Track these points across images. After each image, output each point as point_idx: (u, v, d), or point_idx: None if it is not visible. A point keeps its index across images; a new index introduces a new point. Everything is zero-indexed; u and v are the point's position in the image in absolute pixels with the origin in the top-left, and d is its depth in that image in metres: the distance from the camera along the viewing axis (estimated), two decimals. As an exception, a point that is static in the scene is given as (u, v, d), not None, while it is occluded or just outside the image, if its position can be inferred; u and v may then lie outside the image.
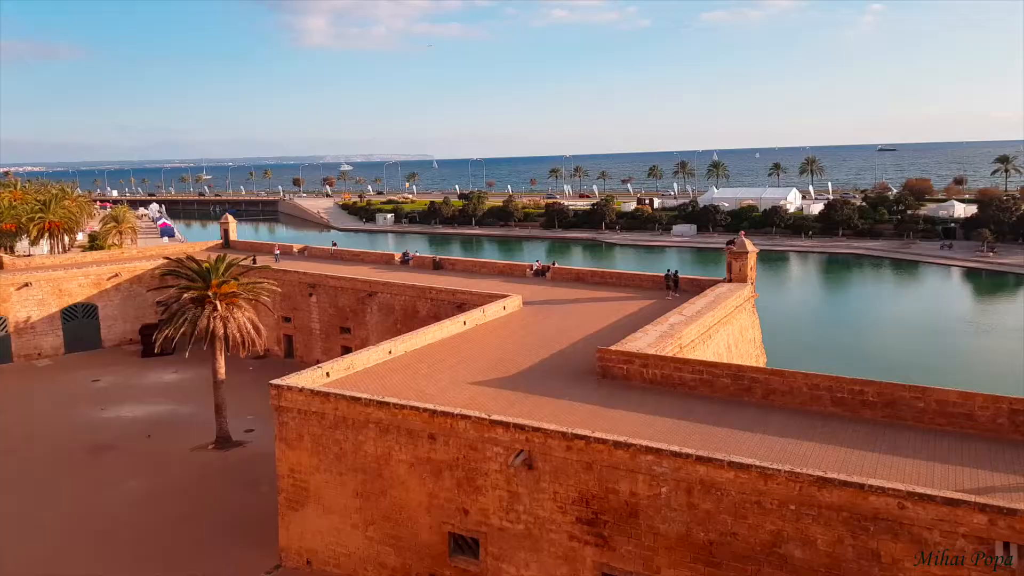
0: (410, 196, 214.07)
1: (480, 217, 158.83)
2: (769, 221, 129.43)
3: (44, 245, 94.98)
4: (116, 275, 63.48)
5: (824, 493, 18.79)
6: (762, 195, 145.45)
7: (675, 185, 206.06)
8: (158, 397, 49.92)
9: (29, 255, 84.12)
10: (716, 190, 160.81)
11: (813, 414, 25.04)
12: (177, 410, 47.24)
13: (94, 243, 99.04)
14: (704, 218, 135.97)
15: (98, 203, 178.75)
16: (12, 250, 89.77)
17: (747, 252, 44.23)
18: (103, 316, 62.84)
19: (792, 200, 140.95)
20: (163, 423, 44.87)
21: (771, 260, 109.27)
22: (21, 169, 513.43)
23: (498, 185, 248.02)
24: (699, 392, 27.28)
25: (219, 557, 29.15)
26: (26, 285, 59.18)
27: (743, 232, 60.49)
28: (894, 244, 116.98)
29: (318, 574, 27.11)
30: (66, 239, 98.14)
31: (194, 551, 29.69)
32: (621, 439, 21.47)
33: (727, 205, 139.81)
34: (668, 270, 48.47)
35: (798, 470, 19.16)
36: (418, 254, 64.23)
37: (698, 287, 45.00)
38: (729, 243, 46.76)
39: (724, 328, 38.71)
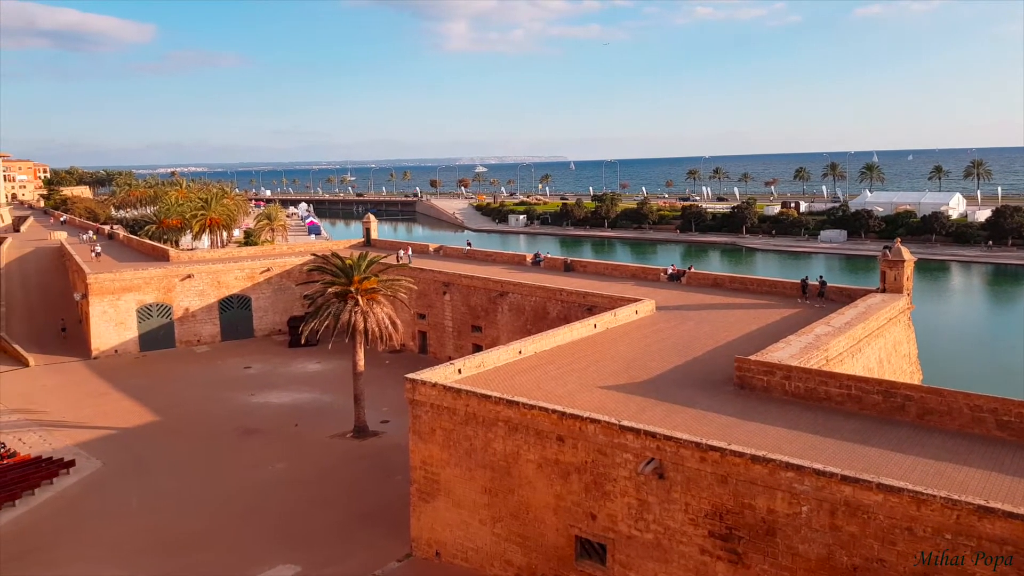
0: (542, 198, 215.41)
1: (613, 219, 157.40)
2: (928, 228, 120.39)
3: (205, 240, 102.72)
4: (268, 269, 67.65)
5: (985, 524, 17.18)
6: (921, 200, 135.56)
7: (824, 188, 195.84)
8: (302, 385, 52.72)
9: (192, 249, 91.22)
10: (869, 194, 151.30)
11: (974, 438, 23.01)
12: (319, 398, 49.70)
13: (249, 239, 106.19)
14: (855, 223, 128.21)
15: (253, 202, 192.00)
16: (177, 244, 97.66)
17: (903, 260, 41.29)
18: (255, 307, 67.13)
19: (955, 206, 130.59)
20: (306, 410, 47.32)
21: (930, 270, 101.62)
22: (186, 169, 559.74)
23: (632, 187, 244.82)
24: (846, 408, 25.65)
25: (353, 541, 30.34)
26: (189, 277, 64.19)
27: (899, 239, 56.47)
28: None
29: (446, 566, 27.62)
30: (224, 235, 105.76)
31: (331, 534, 31.05)
32: (760, 453, 20.51)
33: (881, 210, 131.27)
34: (805, 276, 46.36)
35: (956, 497, 17.68)
36: (549, 255, 64.40)
37: (848, 297, 42.47)
38: (884, 250, 43.83)
39: (876, 341, 36.28)
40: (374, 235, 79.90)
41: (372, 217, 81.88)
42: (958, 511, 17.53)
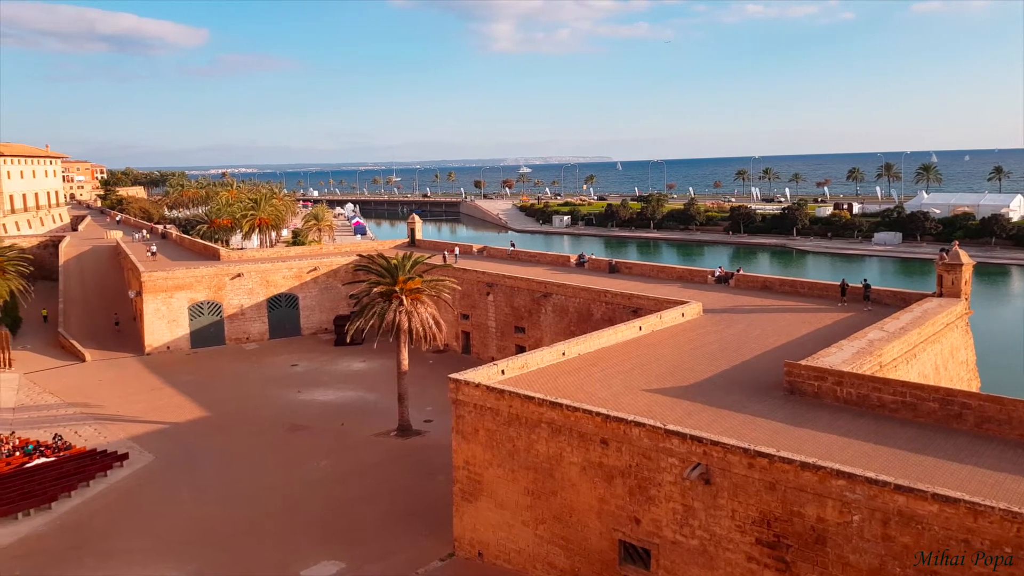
0: (587, 198, 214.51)
1: (659, 220, 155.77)
2: (988, 230, 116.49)
3: (254, 239, 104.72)
4: (315, 269, 68.63)
5: (1049, 539, 16.47)
6: (980, 201, 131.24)
7: (878, 189, 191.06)
8: (347, 384, 53.34)
9: (241, 248, 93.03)
10: (926, 195, 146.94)
11: (1037, 448, 22.10)
12: (364, 397, 50.21)
13: (296, 239, 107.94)
14: (911, 226, 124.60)
15: (301, 202, 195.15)
16: (227, 243, 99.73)
17: (961, 264, 39.99)
18: (302, 306, 68.19)
19: (1016, 207, 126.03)
20: (351, 408, 47.85)
21: (989, 274, 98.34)
22: (236, 170, 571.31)
23: (680, 187, 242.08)
24: (900, 416, 24.91)
25: (396, 539, 30.55)
26: (239, 275, 65.47)
27: (957, 242, 54.74)
28: None
29: (489, 567, 27.60)
30: (273, 234, 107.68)
31: (373, 531, 31.31)
32: (810, 460, 20.03)
33: (938, 212, 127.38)
34: (844, 279, 45.55)
35: (1016, 509, 17.01)
36: (594, 257, 64.03)
37: (902, 301, 41.31)
38: (942, 252, 42.55)
39: (932, 347, 35.22)
40: (419, 235, 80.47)
41: (417, 218, 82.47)
42: (1018, 524, 16.90)
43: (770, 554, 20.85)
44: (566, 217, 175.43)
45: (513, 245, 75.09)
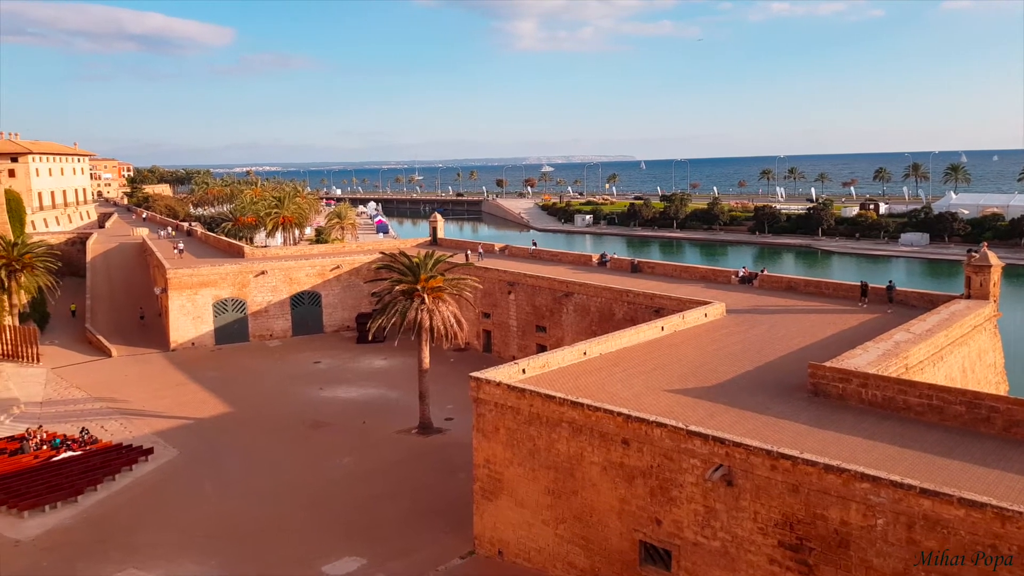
0: (610, 197, 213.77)
1: (682, 220, 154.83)
2: (1018, 231, 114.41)
3: (278, 237, 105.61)
4: (337, 267, 69.08)
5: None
6: (1010, 202, 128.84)
7: (905, 189, 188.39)
8: (369, 381, 53.63)
9: (265, 246, 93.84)
10: (954, 195, 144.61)
11: (1067, 453, 21.71)
12: (385, 394, 50.45)
13: (319, 237, 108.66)
14: (938, 226, 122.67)
15: (324, 201, 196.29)
16: (252, 241, 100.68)
17: (990, 265, 39.36)
18: (325, 304, 68.66)
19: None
20: (372, 406, 48.10)
21: (1019, 276, 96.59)
22: (261, 169, 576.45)
23: (703, 187, 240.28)
24: (926, 419, 24.58)
25: (417, 536, 30.68)
26: (262, 273, 66.08)
27: (986, 243, 53.88)
28: None
29: (509, 566, 27.63)
30: (296, 232, 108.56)
31: (394, 528, 31.47)
32: (833, 463, 19.84)
33: (967, 212, 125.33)
34: (864, 280, 45.11)
35: (1047, 516, 16.65)
36: (616, 256, 63.83)
37: (929, 302, 40.75)
38: (970, 254, 41.92)
39: (959, 349, 34.71)
40: (440, 234, 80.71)
41: (439, 216, 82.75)
42: (1049, 531, 16.59)
43: (792, 557, 20.67)
44: (588, 216, 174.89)
45: (535, 244, 75.09)
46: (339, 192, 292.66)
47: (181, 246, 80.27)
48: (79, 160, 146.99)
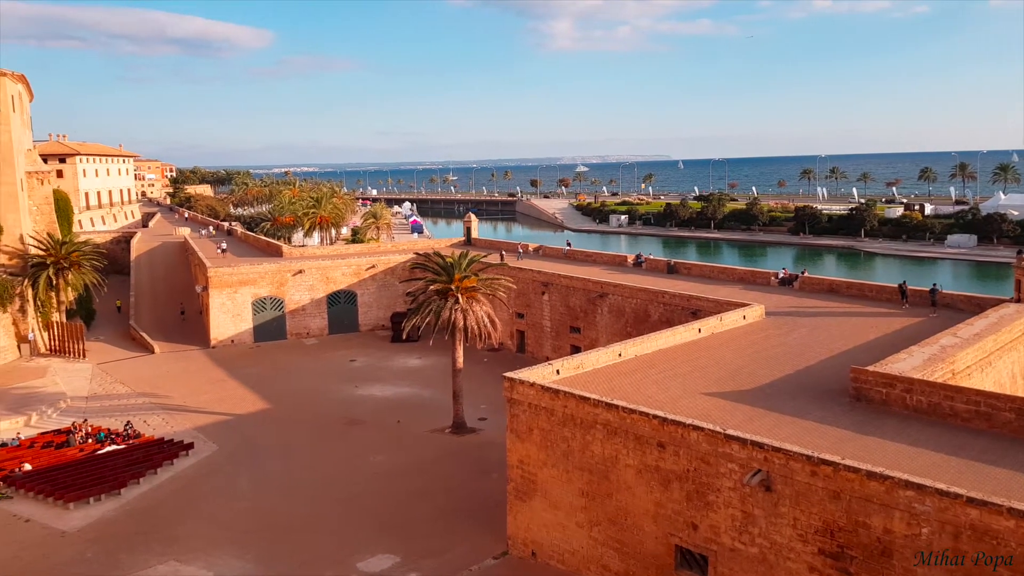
0: (645, 197, 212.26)
1: (720, 220, 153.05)
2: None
3: (315, 237, 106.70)
4: (373, 266, 69.61)
5: None
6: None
7: (952, 189, 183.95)
8: (403, 380, 53.92)
9: (303, 245, 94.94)
10: (1003, 196, 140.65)
11: (1124, 464, 20.94)
12: (419, 393, 50.67)
13: (355, 237, 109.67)
14: (987, 228, 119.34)
15: (360, 201, 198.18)
16: (290, 241, 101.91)
17: (1040, 268, 38.19)
18: (360, 303, 69.23)
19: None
20: (406, 405, 48.35)
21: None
22: (298, 169, 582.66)
23: (742, 186, 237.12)
24: (973, 426, 23.91)
25: (451, 535, 30.72)
26: (300, 272, 66.86)
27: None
28: None
29: (542, 567, 27.52)
30: (333, 232, 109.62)
31: (427, 527, 31.55)
32: (876, 469, 19.38)
33: (1016, 213, 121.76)
34: (903, 281, 44.32)
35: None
36: (652, 257, 63.29)
37: (977, 306, 39.69)
38: (1020, 255, 40.73)
39: (1009, 355, 33.72)
40: (475, 234, 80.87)
41: (473, 216, 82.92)
42: (1104, 544, 16.00)
43: (833, 565, 20.25)
44: (623, 216, 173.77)
45: (569, 244, 74.79)
46: (375, 192, 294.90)
47: (224, 245, 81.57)
48: (124, 161, 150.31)
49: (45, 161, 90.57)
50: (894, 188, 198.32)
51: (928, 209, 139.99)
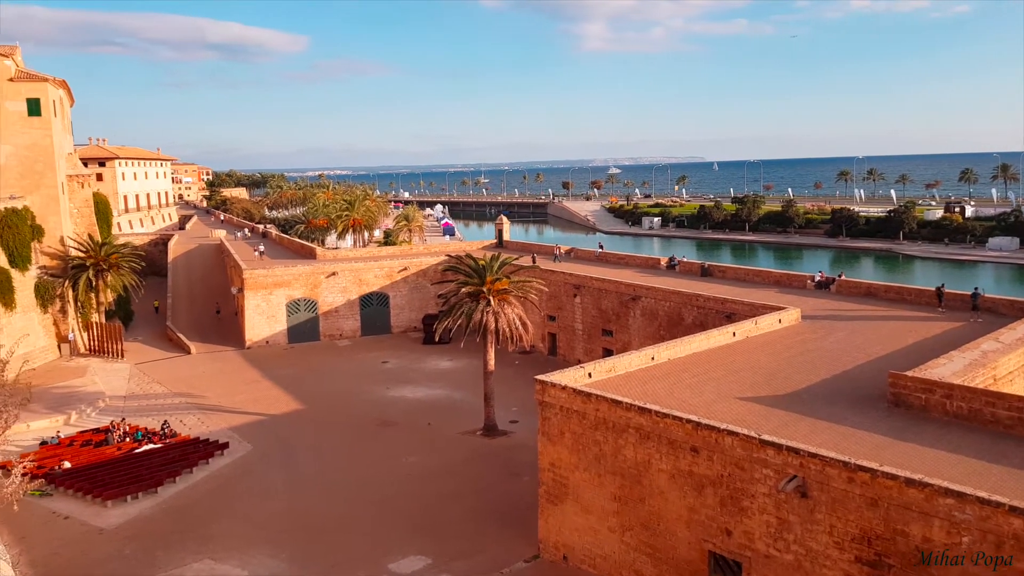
0: (679, 199, 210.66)
1: (755, 222, 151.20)
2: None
3: (348, 239, 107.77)
4: (405, 269, 70.01)
5: None
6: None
7: (993, 191, 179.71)
8: (435, 382, 54.12)
9: (336, 248, 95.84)
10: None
11: None
12: (451, 395, 50.82)
13: (388, 239, 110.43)
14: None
15: (392, 203, 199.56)
16: (323, 243, 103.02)
17: (1085, 271, 37.13)
18: (393, 305, 69.68)
19: None
20: (438, 406, 48.51)
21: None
22: (332, 172, 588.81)
23: (778, 188, 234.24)
24: (1016, 433, 23.28)
25: (482, 537, 30.73)
26: (333, 274, 67.49)
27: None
28: None
29: (574, 571, 27.41)
30: (366, 234, 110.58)
31: (459, 529, 31.60)
32: (915, 477, 18.96)
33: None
34: (942, 284, 43.61)
35: None
36: (685, 259, 62.79)
37: (1020, 311, 38.74)
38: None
39: (1052, 360, 32.77)
40: (506, 236, 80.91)
41: (504, 219, 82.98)
42: None
43: (870, 573, 19.86)
44: (656, 219, 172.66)
45: (601, 247, 74.52)
46: (407, 195, 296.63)
47: (261, 248, 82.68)
48: (162, 164, 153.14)
49: (85, 165, 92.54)
50: (934, 190, 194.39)
51: (969, 211, 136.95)
